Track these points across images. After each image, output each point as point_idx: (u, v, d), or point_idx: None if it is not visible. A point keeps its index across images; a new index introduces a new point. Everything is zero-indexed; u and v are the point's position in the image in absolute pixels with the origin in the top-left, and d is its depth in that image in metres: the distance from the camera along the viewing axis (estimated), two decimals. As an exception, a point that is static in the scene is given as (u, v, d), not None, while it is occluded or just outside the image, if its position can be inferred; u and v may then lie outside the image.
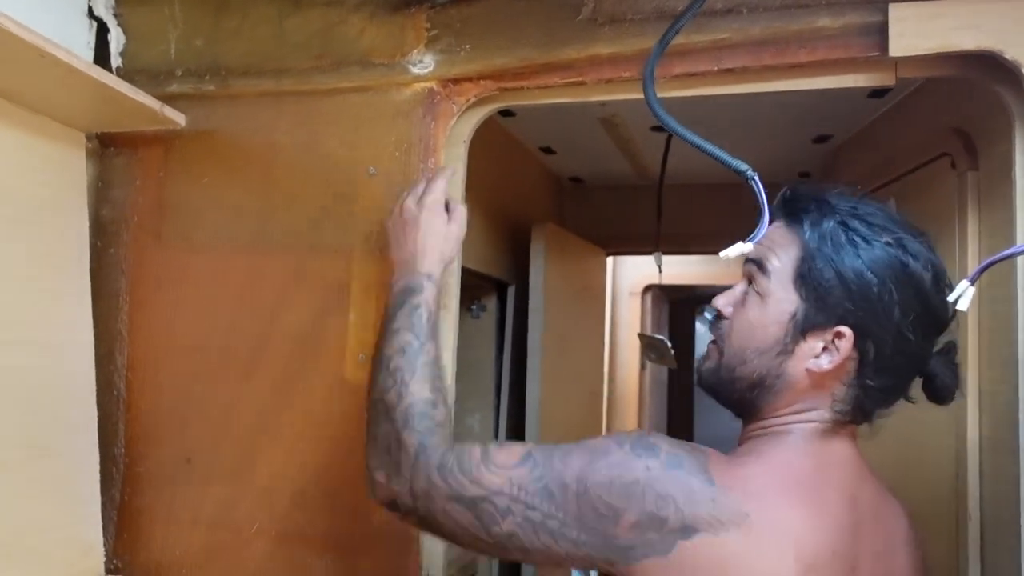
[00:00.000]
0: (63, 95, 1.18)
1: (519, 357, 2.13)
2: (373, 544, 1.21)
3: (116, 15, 1.38)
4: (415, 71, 1.26)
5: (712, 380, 0.98)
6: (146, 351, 1.33)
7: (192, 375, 1.31)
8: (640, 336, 2.80)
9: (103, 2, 1.36)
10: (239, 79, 1.33)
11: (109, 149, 1.38)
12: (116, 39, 1.38)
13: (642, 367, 3.60)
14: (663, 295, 4.23)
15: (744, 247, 0.95)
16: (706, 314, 5.88)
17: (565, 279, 2.39)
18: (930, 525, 1.24)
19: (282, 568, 1.24)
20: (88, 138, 1.35)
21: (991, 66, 1.05)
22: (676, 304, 4.79)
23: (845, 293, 0.88)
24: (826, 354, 0.89)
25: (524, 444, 0.92)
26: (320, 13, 1.30)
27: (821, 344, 0.90)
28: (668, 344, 2.44)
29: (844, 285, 0.88)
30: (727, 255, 0.96)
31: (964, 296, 0.91)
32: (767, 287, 0.92)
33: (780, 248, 0.92)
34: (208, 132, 1.34)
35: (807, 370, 0.90)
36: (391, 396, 0.98)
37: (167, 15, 1.36)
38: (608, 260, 3.03)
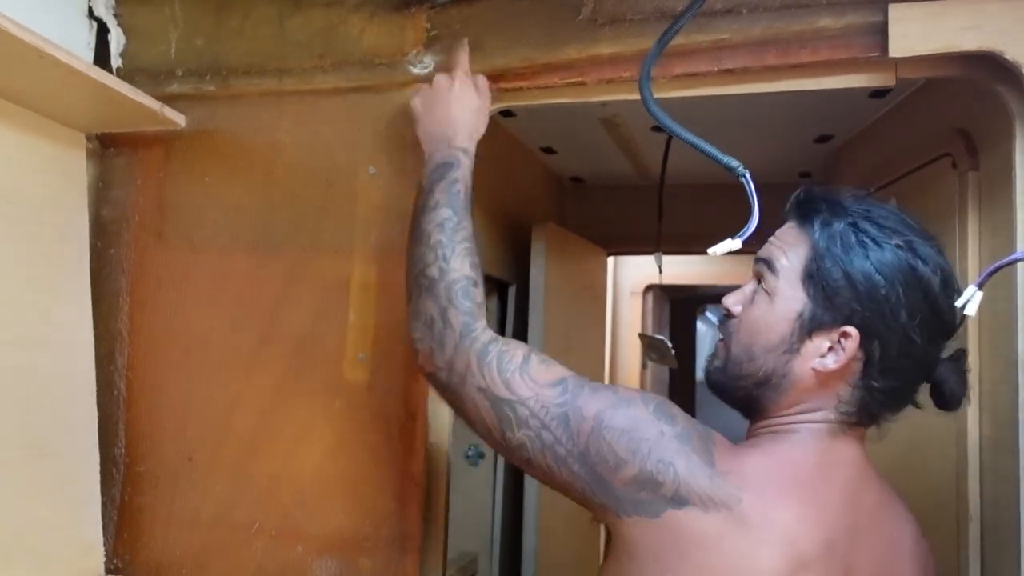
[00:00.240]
0: (63, 95, 1.18)
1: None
2: (373, 544, 1.21)
3: (116, 15, 1.38)
4: (416, 71, 1.26)
5: (719, 378, 0.99)
6: (146, 351, 1.33)
7: (192, 375, 1.31)
8: (641, 336, 2.80)
9: (103, 2, 1.36)
10: (240, 79, 1.33)
11: (109, 149, 1.38)
12: (116, 39, 1.38)
13: (643, 367, 3.59)
14: (664, 295, 4.23)
15: (733, 244, 0.95)
16: (710, 315, 5.88)
17: (566, 279, 2.38)
18: (931, 526, 1.24)
19: (282, 567, 1.24)
20: (88, 138, 1.35)
21: (992, 66, 1.04)
22: (677, 304, 4.78)
23: (853, 293, 0.88)
24: (832, 354, 0.90)
25: (562, 369, 0.94)
26: (321, 13, 1.30)
27: (827, 344, 0.90)
28: (669, 344, 2.44)
29: (852, 285, 0.88)
30: (716, 252, 0.96)
31: (972, 301, 0.90)
32: (776, 285, 0.92)
33: (790, 247, 0.93)
34: (209, 132, 1.34)
35: (813, 369, 0.90)
36: (433, 271, 1.01)
37: (167, 15, 1.36)
38: (609, 260, 3.03)
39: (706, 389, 1.04)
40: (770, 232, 0.98)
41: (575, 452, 0.87)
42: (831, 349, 0.90)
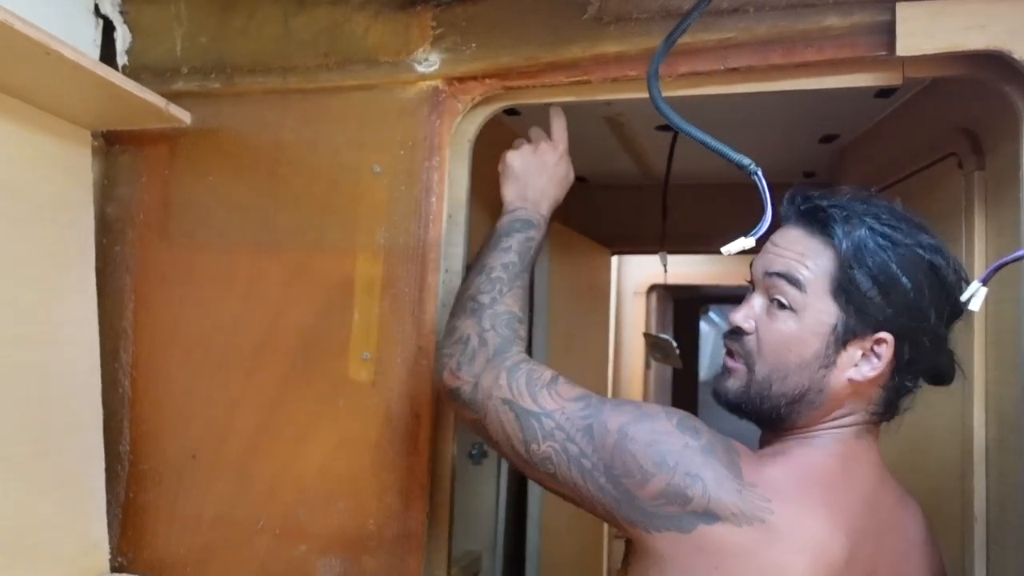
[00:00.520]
0: (69, 93, 1.19)
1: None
2: (376, 542, 1.21)
3: (122, 13, 1.38)
4: (420, 69, 1.25)
5: (740, 399, 0.96)
6: (151, 349, 1.34)
7: (197, 373, 1.31)
8: (645, 336, 2.80)
9: (109, 0, 1.37)
10: (245, 77, 1.33)
11: (115, 147, 1.38)
12: (122, 37, 1.38)
13: (647, 366, 3.60)
14: (668, 295, 4.23)
15: (746, 242, 0.94)
16: (713, 315, 5.88)
17: (570, 278, 2.39)
18: (936, 525, 1.24)
19: (285, 565, 1.24)
20: (94, 136, 1.35)
21: (999, 66, 1.04)
22: (681, 304, 4.78)
23: (884, 300, 0.88)
24: (865, 361, 0.90)
25: (587, 390, 0.95)
26: (325, 11, 1.30)
27: (860, 352, 0.90)
28: (673, 344, 2.45)
29: (883, 292, 0.88)
30: (729, 250, 0.95)
31: (976, 297, 0.91)
32: (802, 300, 0.90)
33: (809, 259, 0.91)
34: (213, 130, 1.34)
35: (848, 379, 0.90)
36: (484, 298, 1.04)
37: (173, 13, 1.37)
38: (613, 259, 3.03)
39: (709, 390, 1.03)
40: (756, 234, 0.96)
41: (600, 465, 0.87)
42: (864, 356, 0.90)
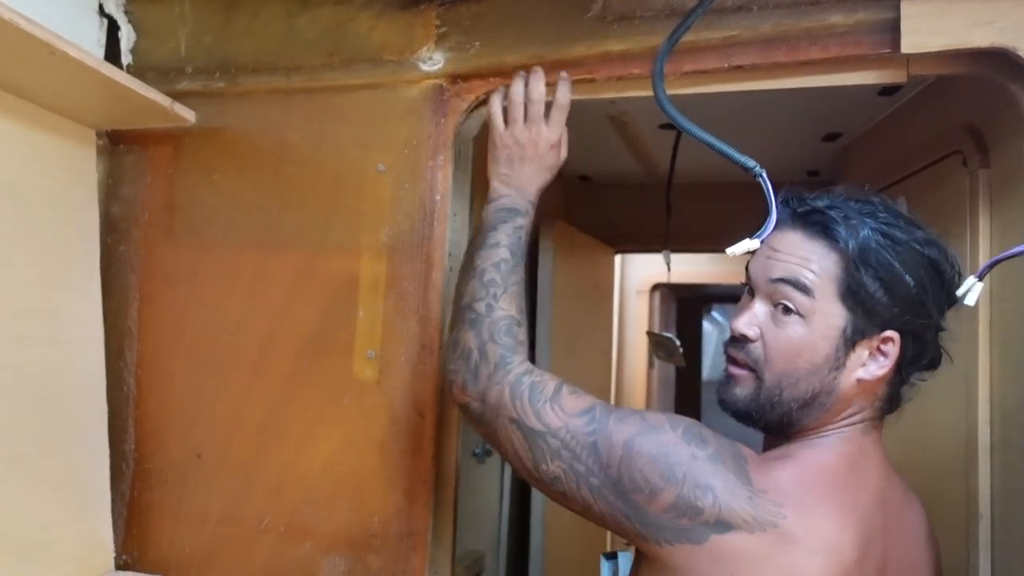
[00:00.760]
0: (74, 92, 1.19)
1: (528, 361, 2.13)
2: (381, 541, 1.21)
3: (127, 12, 1.38)
4: (425, 68, 1.26)
5: (749, 406, 0.94)
6: (156, 348, 1.34)
7: (202, 371, 1.31)
8: (648, 334, 2.80)
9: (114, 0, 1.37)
10: (249, 76, 1.33)
11: (119, 146, 1.39)
12: (127, 36, 1.38)
13: (650, 365, 3.60)
14: (671, 293, 4.23)
15: (751, 243, 0.94)
16: (716, 314, 5.88)
17: (573, 277, 2.39)
18: (941, 524, 1.24)
19: (290, 564, 1.24)
20: (98, 135, 1.35)
21: (1004, 63, 1.04)
22: (684, 302, 4.78)
23: (890, 300, 0.88)
24: (873, 360, 0.90)
25: (590, 398, 0.94)
26: (329, 11, 1.30)
27: (867, 351, 0.90)
28: (677, 342, 2.44)
29: (888, 291, 0.88)
30: (734, 252, 0.95)
31: (972, 292, 0.92)
32: (810, 305, 0.89)
33: (813, 263, 0.90)
34: (218, 129, 1.34)
35: (857, 379, 0.90)
36: (480, 307, 1.03)
37: (177, 13, 1.37)
38: (616, 258, 3.03)
39: (712, 389, 1.03)
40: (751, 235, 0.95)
41: (608, 482, 0.86)
42: (871, 355, 0.90)
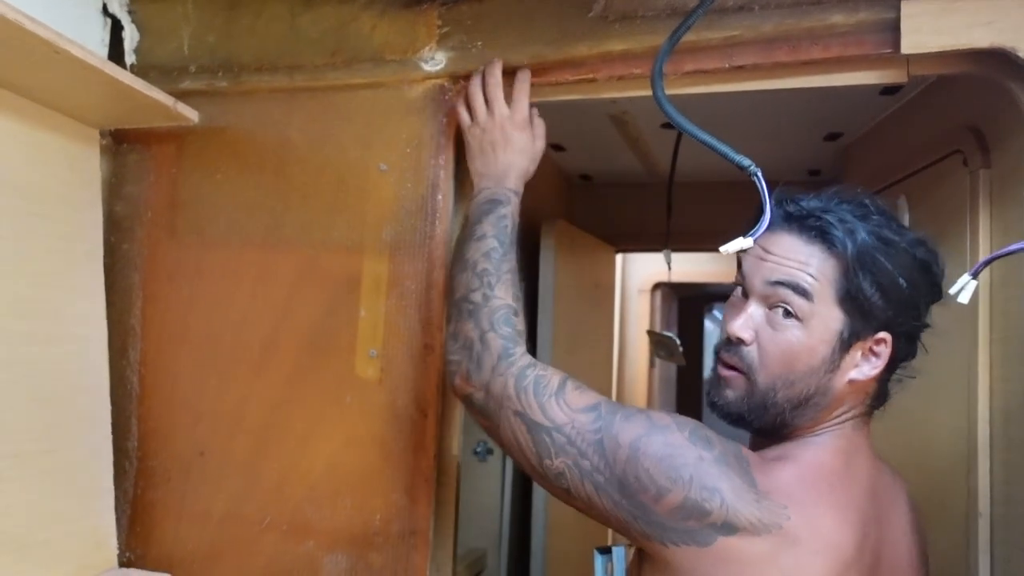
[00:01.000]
0: (77, 91, 1.19)
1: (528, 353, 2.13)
2: (382, 539, 1.22)
3: (130, 12, 1.39)
4: (427, 68, 1.26)
5: (740, 409, 0.94)
6: (159, 346, 1.34)
7: (204, 370, 1.32)
8: (649, 333, 2.81)
9: (117, -1, 1.38)
10: (252, 75, 1.34)
11: (123, 145, 1.39)
12: (130, 36, 1.38)
13: (651, 364, 3.60)
14: (672, 292, 4.23)
15: (744, 242, 0.93)
16: (717, 312, 5.87)
17: (575, 276, 2.39)
18: (941, 522, 1.24)
19: (292, 562, 1.25)
20: (102, 134, 1.36)
21: (1004, 63, 1.04)
22: (686, 301, 4.79)
23: (885, 301, 0.89)
24: (865, 361, 0.91)
25: (595, 395, 0.94)
26: (332, 10, 1.31)
27: (860, 353, 0.91)
28: (677, 341, 2.45)
29: (884, 295, 0.89)
30: (727, 250, 0.94)
31: (965, 290, 0.92)
32: (809, 309, 0.89)
33: (812, 268, 0.90)
34: (221, 128, 1.35)
35: (850, 380, 0.91)
36: (477, 297, 1.03)
37: (180, 12, 1.37)
38: (617, 257, 3.04)
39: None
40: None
41: (614, 480, 0.86)
42: (864, 356, 0.91)
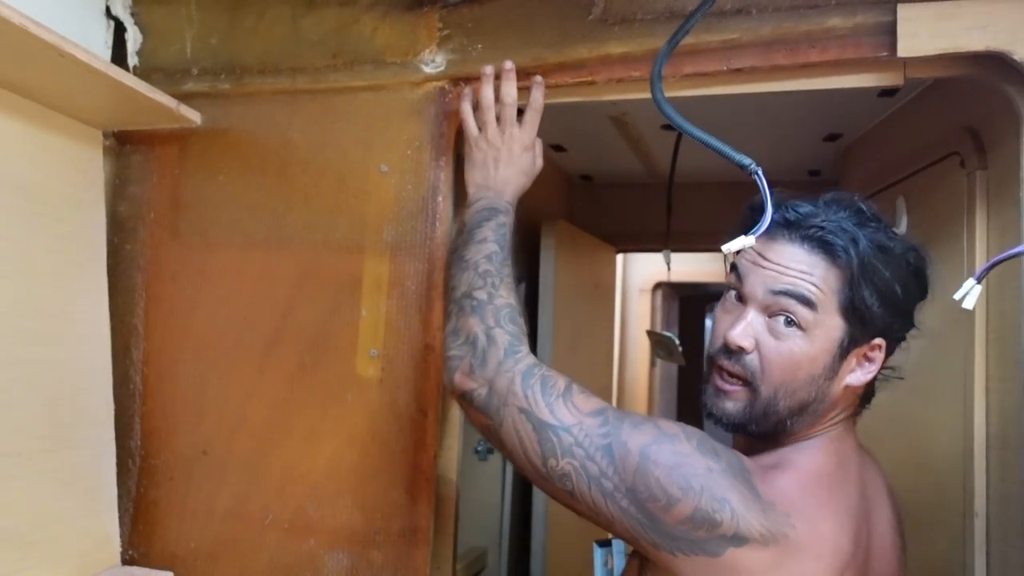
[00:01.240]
0: (81, 93, 1.20)
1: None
2: (383, 537, 1.22)
3: (133, 14, 1.40)
4: (427, 70, 1.27)
5: (742, 419, 0.93)
6: (162, 346, 1.35)
7: (207, 369, 1.33)
8: (649, 333, 2.81)
9: (120, 1, 1.38)
10: (254, 78, 1.35)
11: (126, 147, 1.40)
12: (133, 38, 1.39)
13: (652, 364, 3.60)
14: (673, 292, 4.23)
15: (746, 241, 0.93)
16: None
17: (575, 276, 2.40)
18: (937, 522, 1.25)
19: (294, 559, 1.26)
20: (105, 136, 1.37)
21: (999, 67, 1.05)
22: (686, 301, 4.78)
23: (884, 310, 0.90)
24: (860, 367, 0.92)
25: (600, 400, 0.93)
26: (334, 13, 1.32)
27: (855, 359, 0.92)
28: (677, 341, 2.45)
29: (883, 302, 0.90)
30: (729, 249, 0.94)
31: (970, 294, 0.92)
32: (813, 318, 0.89)
33: (815, 277, 0.90)
34: (223, 130, 1.36)
35: (846, 385, 0.92)
36: (481, 295, 1.03)
37: (183, 14, 1.38)
38: (618, 257, 3.04)
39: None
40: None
41: (623, 488, 0.85)
42: (859, 363, 0.92)
